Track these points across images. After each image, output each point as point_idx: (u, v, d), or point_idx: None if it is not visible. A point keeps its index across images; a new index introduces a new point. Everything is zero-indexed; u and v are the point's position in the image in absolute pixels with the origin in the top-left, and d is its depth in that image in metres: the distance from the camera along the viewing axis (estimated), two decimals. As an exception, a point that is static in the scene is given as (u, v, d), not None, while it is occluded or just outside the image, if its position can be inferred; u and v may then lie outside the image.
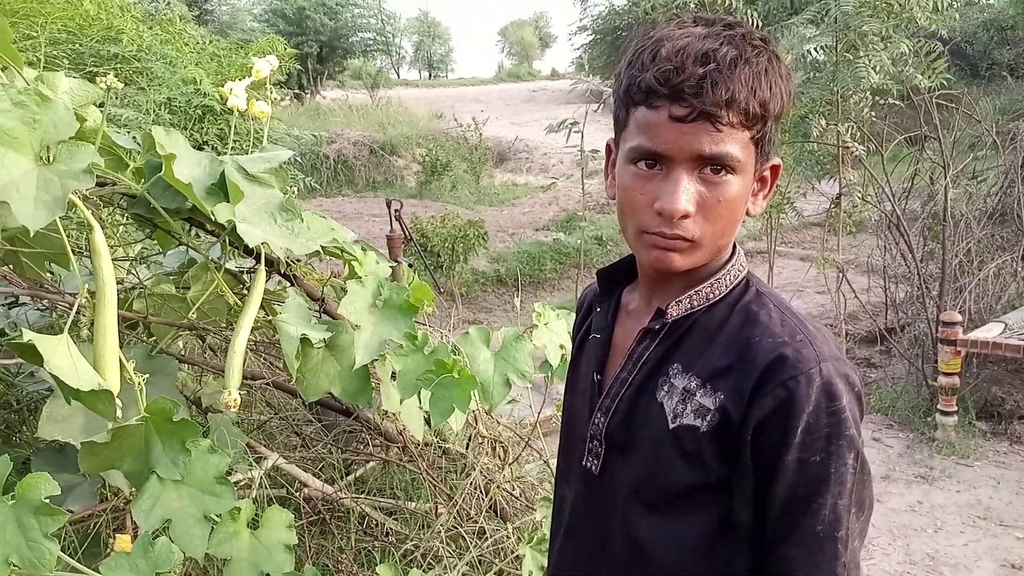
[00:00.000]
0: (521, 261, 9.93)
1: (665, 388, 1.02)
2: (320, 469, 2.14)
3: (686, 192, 0.95)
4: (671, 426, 1.00)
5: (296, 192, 1.81)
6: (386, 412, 2.06)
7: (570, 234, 10.86)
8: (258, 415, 2.35)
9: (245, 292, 1.80)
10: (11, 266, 1.70)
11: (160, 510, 1.44)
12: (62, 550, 1.72)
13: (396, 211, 6.30)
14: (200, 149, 1.94)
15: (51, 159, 1.31)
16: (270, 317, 1.74)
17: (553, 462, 2.45)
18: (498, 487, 2.25)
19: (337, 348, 1.76)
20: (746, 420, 0.94)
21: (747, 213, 1.02)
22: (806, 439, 0.92)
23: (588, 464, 1.12)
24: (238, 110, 1.69)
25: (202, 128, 3.95)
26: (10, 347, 1.46)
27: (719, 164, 0.95)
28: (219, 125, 4.06)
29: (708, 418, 0.97)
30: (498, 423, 2.39)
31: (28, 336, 1.30)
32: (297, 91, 22.15)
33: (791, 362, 0.93)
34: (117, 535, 1.58)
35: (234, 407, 1.60)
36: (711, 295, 1.04)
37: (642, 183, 0.98)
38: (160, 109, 3.77)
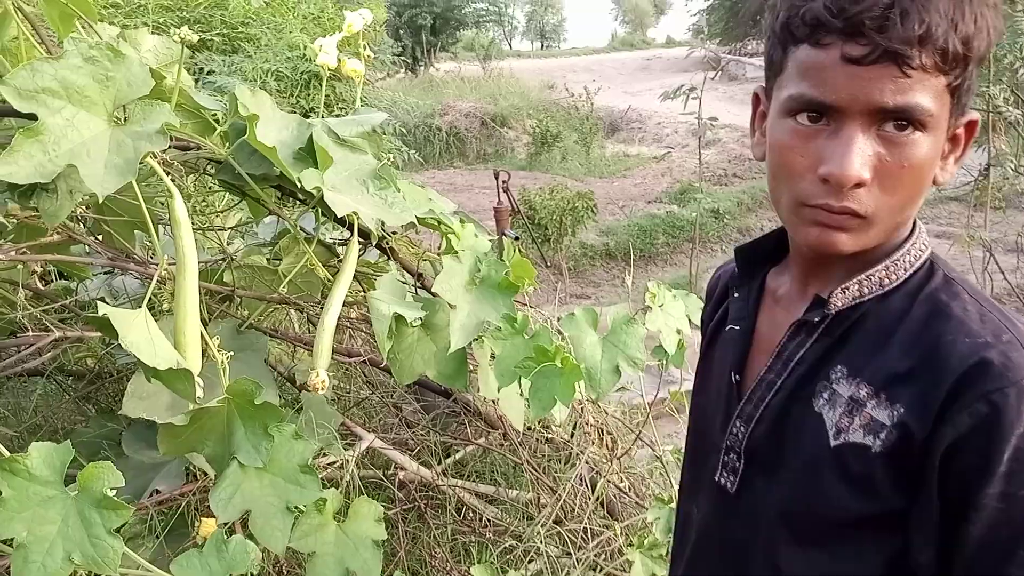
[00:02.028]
0: (632, 234, 9.64)
1: (825, 395, 0.83)
2: (416, 453, 2.02)
3: (860, 154, 0.74)
4: (833, 443, 0.80)
5: (394, 162, 1.68)
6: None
7: (684, 206, 10.46)
8: (356, 392, 2.25)
9: (339, 265, 1.68)
10: (99, 236, 1.64)
11: (240, 500, 1.34)
12: (148, 531, 1.68)
13: (504, 183, 6.18)
14: (306, 116, 1.84)
15: (124, 119, 1.21)
16: (364, 293, 1.62)
17: (666, 452, 2.26)
18: (606, 481, 2.08)
19: (433, 328, 1.62)
20: (934, 440, 0.74)
21: (934, 182, 0.80)
22: (1014, 467, 0.71)
23: (722, 480, 0.94)
24: (328, 68, 1.56)
25: (308, 95, 3.89)
26: (90, 321, 1.38)
27: (905, 119, 0.74)
28: (325, 92, 3.99)
29: (882, 436, 0.77)
30: (605, 412, 2.21)
31: (103, 310, 1.21)
32: (411, 63, 22.34)
33: (996, 369, 0.72)
34: (203, 519, 1.51)
35: (322, 389, 1.49)
36: (886, 281, 0.83)
37: (802, 142, 0.78)
38: (266, 76, 3.73)
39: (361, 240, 1.66)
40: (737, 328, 0.97)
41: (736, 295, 1.00)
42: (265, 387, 1.63)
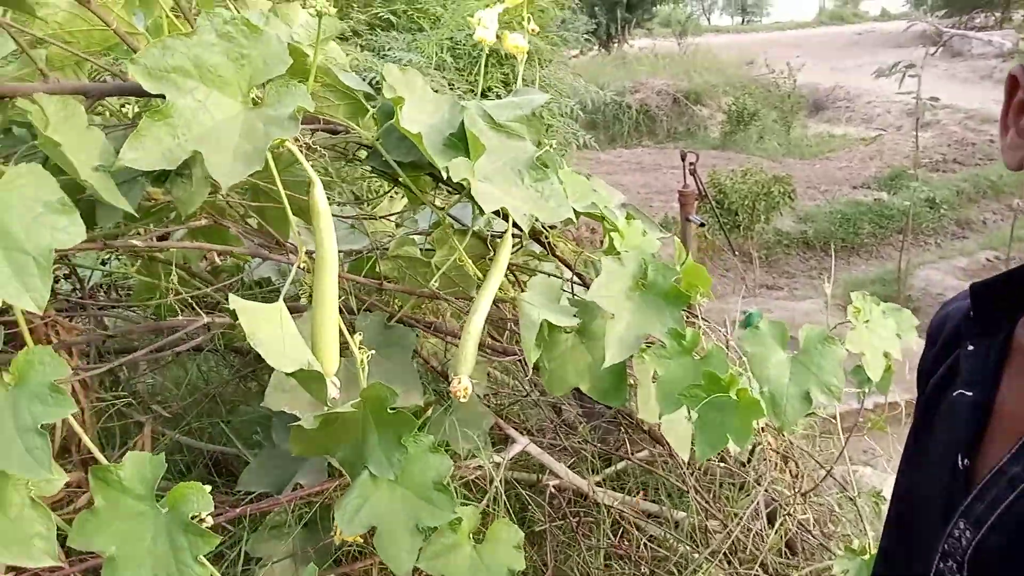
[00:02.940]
0: (833, 222, 8.93)
1: None
2: (572, 463, 1.87)
3: None
4: None
5: (561, 147, 1.51)
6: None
7: (895, 194, 9.55)
8: (513, 389, 2.13)
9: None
10: (256, 222, 1.60)
11: (367, 513, 1.24)
12: (295, 521, 1.64)
13: (691, 165, 5.84)
14: (484, 96, 1.72)
15: (256, 101, 1.12)
16: (514, 294, 1.47)
17: (861, 493, 1.96)
18: (787, 515, 1.82)
19: (590, 336, 1.45)
20: None
21: None
22: None
23: None
24: (485, 43, 1.41)
25: (486, 73, 3.79)
26: (229, 313, 1.33)
27: None
28: (503, 69, 3.89)
29: None
30: (790, 441, 1.95)
31: (234, 304, 1.14)
32: (605, 40, 22.03)
33: None
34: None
35: (464, 397, 1.36)
36: None
37: None
38: (443, 52, 3.67)
39: (518, 233, 1.51)
40: (970, 395, 0.72)
41: (971, 348, 0.74)
42: (409, 388, 1.53)
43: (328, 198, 1.78)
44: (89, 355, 1.76)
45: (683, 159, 5.39)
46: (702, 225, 5.58)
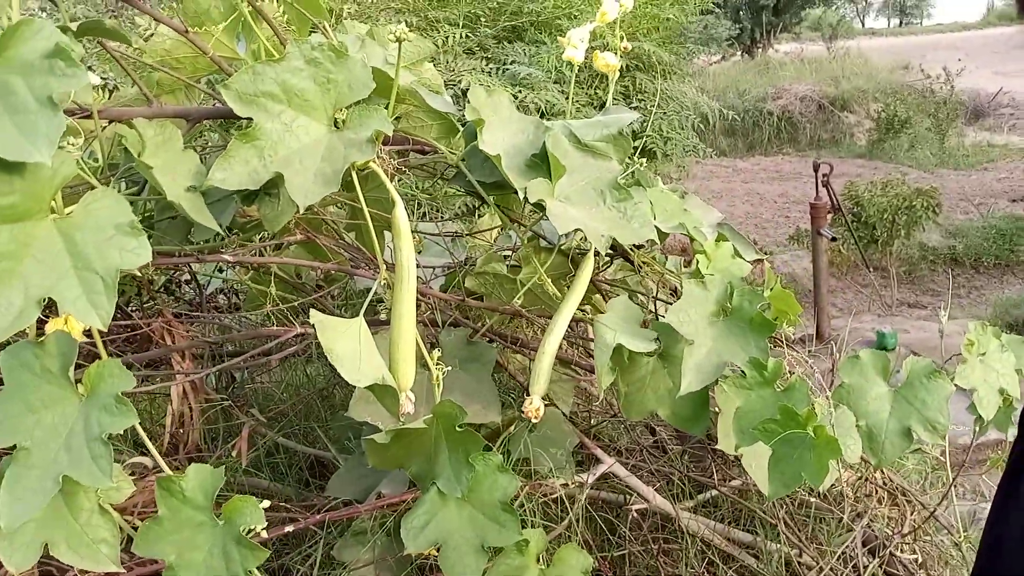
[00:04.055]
0: (987, 238, 8.29)
1: None
2: (660, 487, 1.82)
3: None
4: None
5: (682, 160, 1.49)
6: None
7: (1060, 209, 8.79)
8: (604, 406, 2.10)
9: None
10: (352, 234, 1.66)
11: (433, 530, 1.26)
12: (377, 527, 1.69)
13: (824, 176, 5.58)
14: (602, 108, 1.72)
15: (341, 124, 1.16)
16: (593, 316, 1.45)
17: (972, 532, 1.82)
18: (890, 554, 1.72)
19: (672, 360, 1.41)
20: None
21: None
22: None
23: None
24: (574, 62, 1.40)
25: (604, 86, 3.76)
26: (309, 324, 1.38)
27: None
28: (624, 81, 3.84)
29: None
30: (889, 477, 1.82)
31: (314, 319, 1.19)
32: (748, 45, 21.41)
33: None
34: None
35: (535, 419, 1.36)
36: None
37: None
38: (563, 66, 3.67)
39: (607, 253, 1.50)
40: None
41: None
42: (487, 405, 1.54)
43: (424, 215, 1.83)
44: (202, 357, 1.88)
45: (816, 170, 5.16)
46: (834, 239, 5.32)
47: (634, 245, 1.50)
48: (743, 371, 1.26)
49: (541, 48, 3.78)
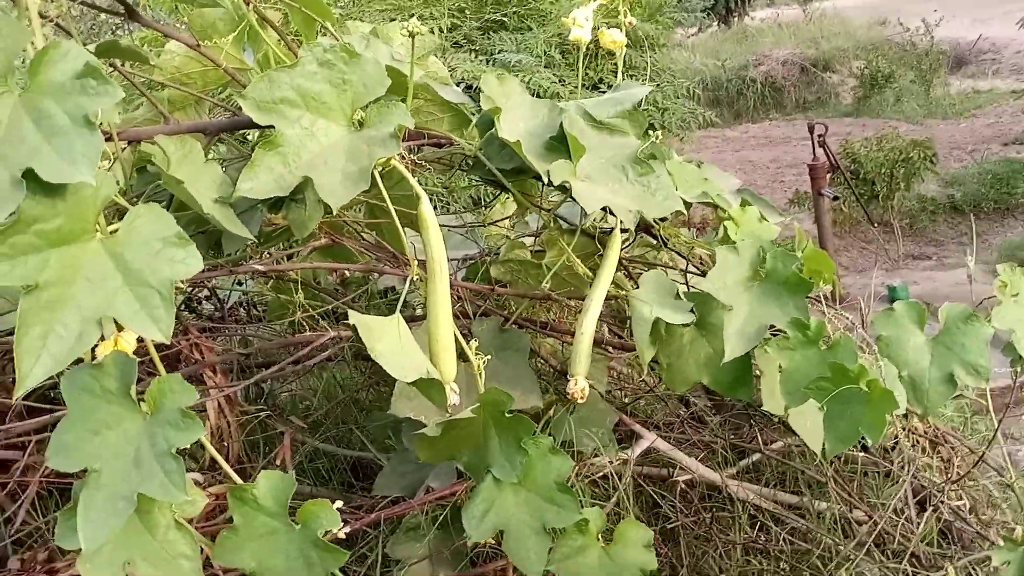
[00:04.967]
0: (983, 184, 8.29)
1: None
2: (702, 456, 1.82)
3: None
4: None
5: (680, 129, 1.48)
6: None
7: (1053, 148, 8.79)
8: (638, 382, 2.10)
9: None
10: (374, 237, 1.65)
11: (494, 517, 1.26)
12: (430, 523, 1.69)
13: (820, 136, 5.57)
14: (595, 88, 1.72)
15: (361, 123, 1.16)
16: (626, 293, 1.45)
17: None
18: (940, 502, 1.72)
19: (709, 328, 1.41)
20: None
21: None
22: None
23: None
24: (581, 42, 1.40)
25: (596, 65, 3.76)
26: (351, 328, 1.38)
27: None
28: (614, 60, 3.83)
29: None
30: (934, 426, 1.82)
31: (353, 319, 1.18)
32: (724, 15, 21.37)
33: None
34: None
35: (581, 399, 1.36)
36: None
37: None
38: (551, 49, 3.67)
39: (628, 228, 1.49)
40: None
41: None
42: (527, 391, 1.54)
43: (441, 208, 1.82)
44: (232, 370, 1.87)
45: (811, 131, 5.16)
46: (836, 199, 5.32)
47: (657, 218, 1.50)
48: (785, 332, 1.26)
49: (527, 35, 3.78)
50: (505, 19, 4.06)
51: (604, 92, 1.53)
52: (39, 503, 1.60)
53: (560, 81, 3.53)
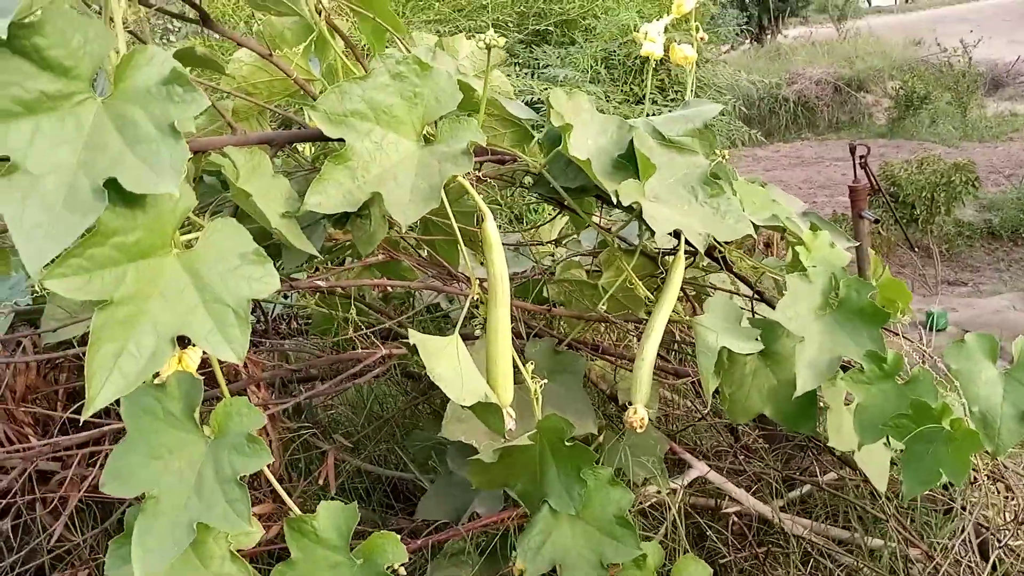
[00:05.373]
0: (1022, 209, 8.15)
1: None
2: (754, 490, 1.77)
3: None
4: None
5: (730, 144, 1.44)
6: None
7: (1095, 175, 8.61)
8: (687, 410, 2.05)
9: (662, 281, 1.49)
10: (427, 253, 1.62)
11: (550, 550, 1.22)
12: (473, 548, 1.65)
13: (862, 158, 5.49)
14: (639, 103, 1.68)
15: (430, 137, 1.13)
16: (689, 318, 1.41)
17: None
18: (1004, 545, 1.65)
19: (775, 357, 1.36)
20: None
21: None
22: None
23: None
24: (653, 57, 1.36)
25: (640, 80, 3.72)
26: (408, 347, 1.35)
27: None
28: (659, 76, 3.79)
29: None
30: (1003, 466, 1.76)
31: (414, 339, 1.15)
32: (756, 33, 21.27)
33: None
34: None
35: (640, 428, 1.32)
36: None
37: None
38: (598, 64, 3.63)
39: (690, 250, 1.45)
40: None
41: None
42: (582, 416, 1.50)
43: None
44: (274, 385, 1.85)
45: (852, 152, 5.08)
46: (876, 221, 5.23)
47: (721, 241, 1.45)
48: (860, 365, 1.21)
49: (571, 49, 3.75)
50: (545, 32, 4.03)
51: (644, 107, 1.49)
52: (77, 518, 1.58)
53: (605, 97, 3.49)
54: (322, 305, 1.86)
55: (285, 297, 2.06)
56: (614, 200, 1.22)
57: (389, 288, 2.22)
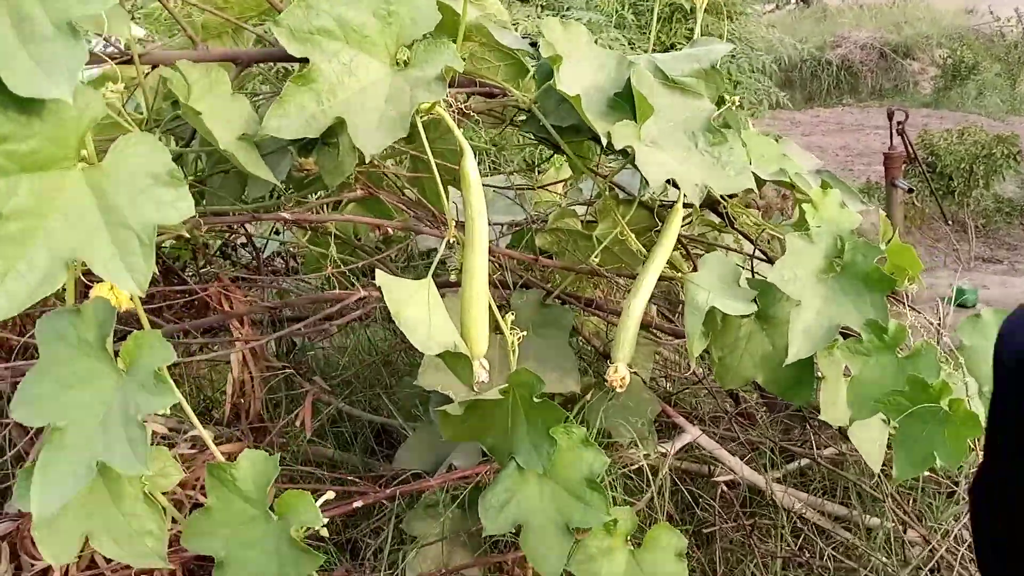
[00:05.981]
0: (1067, 188, 7.85)
1: None
2: (749, 458, 1.70)
3: None
4: None
5: (753, 106, 1.33)
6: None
7: None
8: (684, 372, 1.97)
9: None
10: (415, 193, 1.54)
11: (514, 509, 1.16)
12: (449, 501, 1.59)
13: (899, 124, 5.28)
14: (667, 53, 1.57)
15: (405, 62, 1.04)
16: (682, 275, 1.32)
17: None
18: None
19: (771, 321, 1.28)
20: None
21: None
22: None
23: None
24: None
25: (670, 29, 3.55)
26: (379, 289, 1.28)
27: None
28: (689, 24, 3.63)
29: None
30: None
31: (380, 280, 1.08)
32: (804, -7, 20.63)
33: None
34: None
35: (620, 388, 1.24)
36: None
37: None
38: (624, 9, 3.47)
39: (690, 204, 1.36)
40: None
41: None
42: (564, 373, 1.43)
43: (490, 168, 1.69)
44: (263, 323, 1.79)
45: (890, 118, 4.89)
46: (910, 191, 5.06)
47: (726, 195, 1.36)
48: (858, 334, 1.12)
49: (595, -9, 3.60)
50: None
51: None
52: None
53: (630, 44, 3.34)
54: (314, 244, 1.79)
55: (277, 233, 1.99)
56: (604, 142, 1.13)
57: (390, 230, 2.15)
